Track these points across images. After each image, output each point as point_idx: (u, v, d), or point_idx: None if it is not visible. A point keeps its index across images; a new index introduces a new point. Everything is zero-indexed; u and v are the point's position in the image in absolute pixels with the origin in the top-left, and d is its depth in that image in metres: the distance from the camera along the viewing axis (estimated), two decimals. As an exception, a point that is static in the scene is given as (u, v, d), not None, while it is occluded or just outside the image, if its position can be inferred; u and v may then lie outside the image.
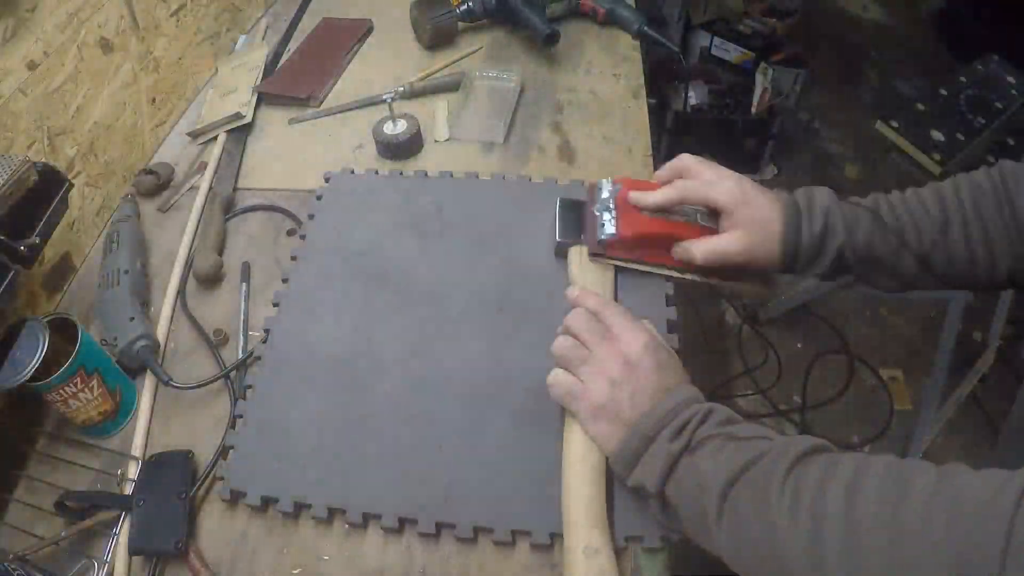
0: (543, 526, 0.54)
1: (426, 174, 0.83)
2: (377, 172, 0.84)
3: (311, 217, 0.79)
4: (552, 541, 0.54)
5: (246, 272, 0.77)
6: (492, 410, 0.61)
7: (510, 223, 0.76)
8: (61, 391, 0.58)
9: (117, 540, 0.56)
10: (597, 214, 0.66)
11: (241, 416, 0.63)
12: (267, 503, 0.58)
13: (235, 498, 0.58)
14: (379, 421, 0.61)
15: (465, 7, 1.04)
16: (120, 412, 0.65)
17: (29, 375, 0.55)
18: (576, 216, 0.70)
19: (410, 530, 0.56)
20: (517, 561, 0.54)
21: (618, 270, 0.67)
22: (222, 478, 0.59)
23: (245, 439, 0.61)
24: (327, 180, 0.83)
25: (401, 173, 0.84)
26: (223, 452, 0.61)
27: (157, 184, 0.86)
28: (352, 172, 0.84)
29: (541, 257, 0.72)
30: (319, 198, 0.81)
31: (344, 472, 0.58)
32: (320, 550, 0.56)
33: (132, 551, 0.55)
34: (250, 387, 0.64)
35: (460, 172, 0.83)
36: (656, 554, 0.53)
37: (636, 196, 0.64)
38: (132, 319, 0.67)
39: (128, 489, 0.59)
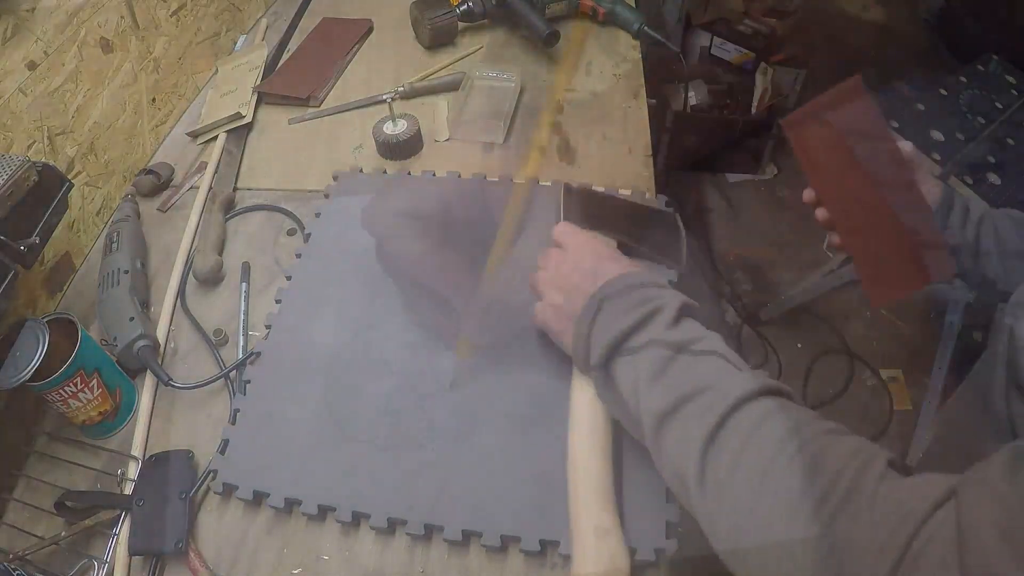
0: (534, 532, 0.53)
1: (433, 174, 0.83)
2: (385, 172, 0.84)
3: (317, 215, 0.79)
4: (543, 548, 0.53)
5: (246, 272, 0.77)
6: (486, 413, 0.60)
7: (515, 224, 0.75)
8: (61, 391, 0.58)
9: (117, 540, 0.56)
10: None
11: (239, 410, 0.63)
12: (259, 497, 0.58)
13: (227, 492, 0.58)
14: (372, 420, 0.61)
15: (465, 7, 1.04)
16: (120, 412, 0.65)
17: (29, 375, 0.55)
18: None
19: (406, 532, 0.56)
20: (510, 568, 0.54)
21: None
22: (215, 471, 0.59)
23: (240, 433, 0.61)
24: (335, 179, 0.83)
25: (409, 173, 0.83)
26: (222, 450, 0.61)
27: (157, 184, 0.86)
28: (360, 171, 0.84)
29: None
30: (326, 196, 0.81)
31: (336, 470, 0.58)
32: (320, 550, 0.56)
33: (132, 551, 0.55)
34: (248, 382, 0.64)
35: (466, 173, 0.83)
36: (647, 568, 0.52)
37: None
38: (132, 319, 0.67)
39: (128, 489, 0.59)
